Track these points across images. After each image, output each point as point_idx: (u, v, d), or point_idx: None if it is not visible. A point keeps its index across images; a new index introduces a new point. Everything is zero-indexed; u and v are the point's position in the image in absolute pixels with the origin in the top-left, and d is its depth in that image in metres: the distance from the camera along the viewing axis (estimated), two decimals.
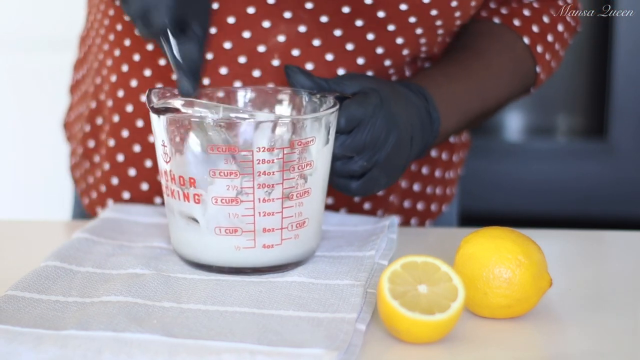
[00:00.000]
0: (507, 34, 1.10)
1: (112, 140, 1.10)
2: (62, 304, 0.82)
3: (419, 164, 1.14)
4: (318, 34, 1.01)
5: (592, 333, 0.82)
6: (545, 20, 1.11)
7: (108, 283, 0.86)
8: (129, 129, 1.09)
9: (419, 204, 1.15)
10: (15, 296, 0.83)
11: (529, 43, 1.10)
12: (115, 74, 1.09)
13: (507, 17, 1.11)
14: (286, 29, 1.01)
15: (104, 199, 1.12)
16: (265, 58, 1.02)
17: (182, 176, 0.87)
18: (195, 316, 0.80)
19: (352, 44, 1.02)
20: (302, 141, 0.86)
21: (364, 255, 0.93)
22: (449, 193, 1.19)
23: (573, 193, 2.30)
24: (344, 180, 0.94)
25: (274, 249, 0.88)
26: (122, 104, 1.09)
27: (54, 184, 2.01)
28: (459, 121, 1.04)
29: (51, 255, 0.91)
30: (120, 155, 1.09)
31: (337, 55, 1.02)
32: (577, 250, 1.07)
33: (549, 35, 1.11)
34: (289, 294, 0.85)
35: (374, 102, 0.92)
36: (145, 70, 1.07)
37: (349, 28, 1.01)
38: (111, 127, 1.10)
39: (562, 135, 2.40)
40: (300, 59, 1.02)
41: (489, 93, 1.08)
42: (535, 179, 2.31)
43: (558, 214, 2.31)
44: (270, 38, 1.01)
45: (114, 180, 1.10)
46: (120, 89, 1.09)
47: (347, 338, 0.76)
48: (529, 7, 1.11)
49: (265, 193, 0.86)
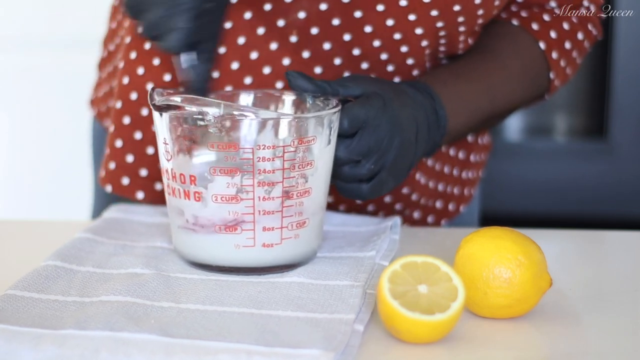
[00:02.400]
0: (523, 37, 1.09)
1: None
2: (61, 304, 0.82)
3: (441, 162, 1.15)
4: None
5: (592, 333, 0.82)
6: (565, 26, 1.10)
7: (108, 283, 0.86)
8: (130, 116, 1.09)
9: (438, 202, 1.15)
10: (15, 295, 0.83)
11: (545, 48, 1.09)
12: (134, 51, 1.09)
13: (526, 20, 1.10)
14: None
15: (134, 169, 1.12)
16: (269, 80, 1.03)
17: (182, 174, 0.88)
18: (193, 316, 0.80)
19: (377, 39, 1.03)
20: (303, 140, 0.86)
21: (364, 255, 0.93)
22: (467, 194, 1.19)
23: (573, 193, 2.31)
24: (353, 185, 0.93)
25: (273, 248, 0.88)
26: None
27: (68, 183, 2.02)
28: (468, 120, 1.04)
29: (52, 255, 0.91)
30: (138, 133, 1.10)
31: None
32: (577, 250, 1.07)
33: (567, 42, 1.10)
34: (288, 294, 0.85)
35: (377, 105, 0.92)
36: (155, 59, 1.07)
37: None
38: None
39: (562, 135, 2.40)
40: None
41: (499, 94, 1.07)
42: (535, 179, 2.31)
43: (558, 214, 2.31)
44: (276, 61, 1.03)
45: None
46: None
47: (344, 339, 0.76)
48: (550, 12, 1.10)
49: (265, 191, 0.86)
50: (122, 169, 1.10)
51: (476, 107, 1.05)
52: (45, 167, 2.17)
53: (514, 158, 2.32)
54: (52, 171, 2.16)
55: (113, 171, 1.11)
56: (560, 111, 2.38)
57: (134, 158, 1.10)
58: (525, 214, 2.33)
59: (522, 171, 2.32)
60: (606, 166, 2.29)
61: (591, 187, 2.30)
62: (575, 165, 2.30)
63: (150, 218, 1.03)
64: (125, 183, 1.10)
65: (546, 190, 2.32)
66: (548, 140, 2.37)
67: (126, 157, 1.10)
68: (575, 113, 2.40)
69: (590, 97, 2.36)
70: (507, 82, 1.08)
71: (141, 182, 1.10)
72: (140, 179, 1.10)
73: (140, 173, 1.10)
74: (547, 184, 2.31)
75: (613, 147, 2.29)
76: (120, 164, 1.10)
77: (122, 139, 1.10)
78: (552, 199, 2.31)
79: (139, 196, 1.10)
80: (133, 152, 1.10)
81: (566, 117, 2.40)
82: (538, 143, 2.34)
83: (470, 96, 1.04)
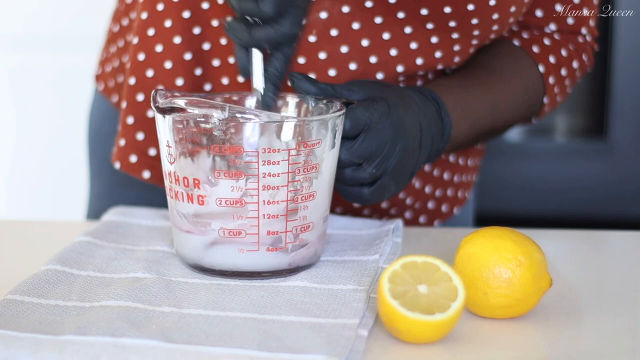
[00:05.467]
0: (524, 58, 1.10)
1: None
2: (61, 309, 0.82)
3: (438, 168, 1.14)
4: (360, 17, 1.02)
5: (592, 333, 0.82)
6: (563, 53, 1.11)
7: (108, 287, 0.86)
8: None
9: (430, 203, 1.15)
10: (15, 300, 0.82)
11: (544, 72, 1.10)
12: (152, 28, 1.08)
13: (527, 42, 1.11)
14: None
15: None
16: None
17: (186, 177, 0.87)
18: (195, 321, 0.79)
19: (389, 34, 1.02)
20: (308, 143, 0.86)
21: (367, 259, 0.92)
22: (461, 196, 1.19)
23: (573, 193, 2.30)
24: (354, 189, 0.93)
25: (278, 252, 0.88)
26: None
27: (64, 184, 2.02)
28: (469, 130, 1.04)
29: (53, 259, 0.90)
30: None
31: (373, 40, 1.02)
32: (577, 250, 1.07)
33: (563, 69, 1.11)
34: (291, 299, 0.84)
35: (380, 109, 0.91)
36: (175, 38, 1.06)
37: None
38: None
39: (562, 135, 2.40)
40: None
41: (500, 109, 1.07)
42: (535, 179, 2.31)
43: (558, 214, 2.31)
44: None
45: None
46: None
47: (348, 344, 0.76)
48: (549, 36, 1.11)
49: (270, 195, 0.86)
50: (132, 146, 1.09)
51: (478, 118, 1.05)
52: (44, 167, 2.17)
53: (514, 158, 2.32)
54: (52, 171, 2.16)
55: (122, 148, 1.10)
56: (560, 111, 2.38)
57: (144, 136, 1.09)
58: (525, 214, 2.32)
59: (522, 171, 2.32)
60: (606, 166, 2.29)
61: (591, 187, 2.30)
62: (575, 165, 2.30)
63: (150, 221, 1.03)
64: (133, 161, 1.09)
65: (546, 190, 2.31)
66: (548, 140, 2.37)
67: (137, 135, 1.09)
68: (575, 113, 2.40)
69: (590, 97, 2.36)
70: (508, 99, 1.08)
71: (149, 161, 1.09)
72: (148, 157, 1.09)
73: (149, 152, 1.09)
74: (547, 184, 2.31)
75: (613, 147, 2.29)
76: (130, 141, 1.09)
77: (134, 116, 1.09)
78: (552, 199, 2.31)
79: (145, 175, 1.09)
80: (144, 130, 1.09)
81: (566, 117, 2.40)
82: (538, 143, 2.34)
83: (474, 107, 1.04)
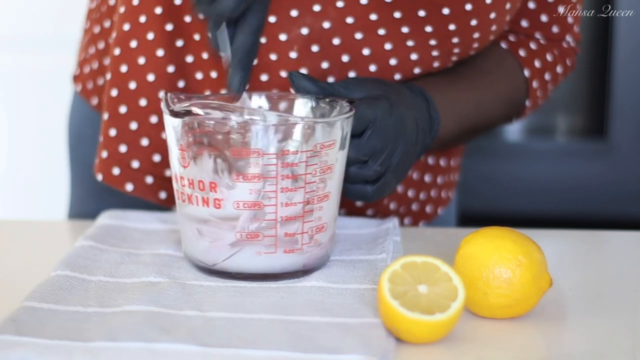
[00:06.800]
0: (510, 61, 1.11)
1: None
2: (82, 315, 0.80)
3: (418, 171, 1.14)
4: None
5: (592, 333, 0.82)
6: (549, 58, 1.12)
7: (125, 292, 0.85)
8: None
9: (414, 205, 1.15)
10: (34, 307, 0.81)
11: (528, 76, 1.11)
12: (135, 40, 1.07)
13: (514, 45, 1.11)
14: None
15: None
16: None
17: (201, 180, 0.86)
18: (222, 325, 0.78)
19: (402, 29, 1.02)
20: (324, 144, 0.86)
21: (375, 258, 0.92)
22: (445, 196, 1.19)
23: (573, 193, 2.30)
24: (358, 187, 0.93)
25: (294, 254, 0.87)
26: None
27: (53, 184, 2.02)
28: (455, 128, 1.05)
29: (60, 265, 0.89)
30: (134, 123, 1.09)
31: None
32: (577, 250, 1.07)
33: (547, 74, 1.12)
34: (310, 299, 0.84)
35: (383, 106, 0.91)
36: (158, 50, 1.05)
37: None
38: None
39: (562, 135, 2.40)
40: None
41: (484, 109, 1.09)
42: (535, 179, 2.31)
43: (558, 214, 2.31)
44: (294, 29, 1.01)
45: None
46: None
47: (381, 343, 0.76)
48: (536, 41, 1.12)
49: (287, 197, 0.85)
50: (114, 158, 1.08)
51: (464, 116, 1.06)
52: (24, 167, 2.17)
53: (514, 158, 2.32)
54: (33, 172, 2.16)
55: (105, 160, 1.08)
56: (560, 111, 2.38)
57: (127, 148, 1.08)
58: (525, 214, 2.32)
59: (522, 171, 2.32)
60: (606, 166, 2.29)
61: (591, 187, 2.30)
62: (575, 165, 2.30)
63: (145, 225, 1.02)
64: (116, 173, 1.08)
65: (546, 190, 2.31)
66: (548, 140, 2.37)
67: (119, 147, 1.08)
68: (575, 113, 2.40)
69: (590, 97, 2.36)
70: (493, 100, 1.09)
71: (132, 174, 1.08)
72: (131, 170, 1.08)
73: (132, 164, 1.08)
74: (547, 184, 2.31)
75: (613, 147, 2.29)
76: (112, 153, 1.08)
77: (117, 128, 1.08)
78: (552, 199, 2.31)
79: (128, 188, 1.08)
80: (127, 142, 1.07)
81: (566, 117, 2.40)
82: (538, 143, 2.34)
83: (460, 105, 1.05)
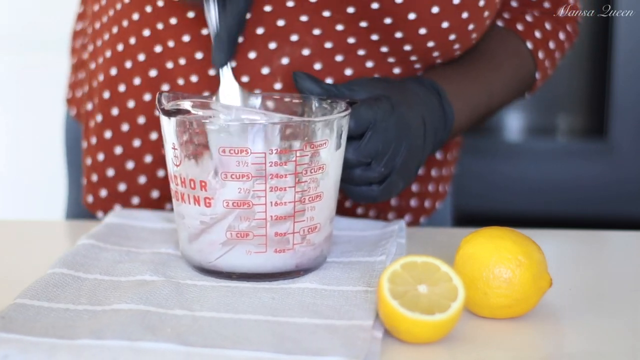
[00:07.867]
0: (512, 37, 1.10)
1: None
2: (72, 312, 0.81)
3: None
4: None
5: (592, 333, 0.82)
6: (547, 27, 1.12)
7: (118, 290, 0.85)
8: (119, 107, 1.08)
9: (412, 201, 1.15)
10: (25, 304, 0.81)
11: (532, 48, 1.10)
12: (115, 68, 1.08)
13: (510, 22, 1.11)
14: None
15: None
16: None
17: (192, 179, 0.86)
18: (209, 324, 0.79)
19: (385, 47, 1.02)
20: (314, 144, 0.85)
21: (374, 260, 0.92)
22: (442, 190, 1.19)
23: (573, 193, 2.31)
24: (364, 188, 0.93)
25: (285, 253, 0.87)
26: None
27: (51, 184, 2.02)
28: (469, 117, 1.05)
29: (57, 262, 0.90)
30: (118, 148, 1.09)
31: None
32: (577, 250, 1.07)
33: (551, 42, 1.12)
34: (302, 300, 0.84)
35: (384, 107, 0.91)
36: (135, 79, 1.06)
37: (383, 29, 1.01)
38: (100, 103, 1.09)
39: (562, 135, 2.40)
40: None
41: (495, 92, 1.08)
42: (535, 179, 2.31)
43: (558, 214, 2.31)
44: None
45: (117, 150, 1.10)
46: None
47: (365, 345, 0.75)
48: (531, 14, 1.12)
49: (277, 196, 0.85)
50: (102, 182, 1.10)
51: (477, 104, 1.05)
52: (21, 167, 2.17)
53: (514, 158, 2.32)
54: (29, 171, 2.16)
55: (94, 183, 1.10)
56: (560, 111, 2.38)
57: (114, 172, 1.09)
58: (525, 214, 2.33)
59: (522, 171, 2.32)
60: (606, 166, 2.29)
61: (591, 187, 2.30)
62: (575, 165, 2.31)
63: (152, 223, 1.02)
64: (103, 195, 1.10)
65: (546, 190, 2.32)
66: (548, 140, 2.38)
67: (107, 171, 1.09)
68: (575, 113, 2.40)
69: (590, 97, 2.36)
70: (502, 80, 1.09)
71: (119, 197, 1.09)
72: (118, 193, 1.09)
73: (118, 188, 1.09)
74: (547, 184, 2.31)
75: (613, 147, 2.29)
76: (100, 177, 1.10)
77: (104, 152, 1.09)
78: (552, 199, 2.32)
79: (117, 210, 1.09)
80: (113, 166, 1.09)
81: (566, 117, 2.40)
82: (538, 143, 2.34)
83: (473, 94, 1.05)
